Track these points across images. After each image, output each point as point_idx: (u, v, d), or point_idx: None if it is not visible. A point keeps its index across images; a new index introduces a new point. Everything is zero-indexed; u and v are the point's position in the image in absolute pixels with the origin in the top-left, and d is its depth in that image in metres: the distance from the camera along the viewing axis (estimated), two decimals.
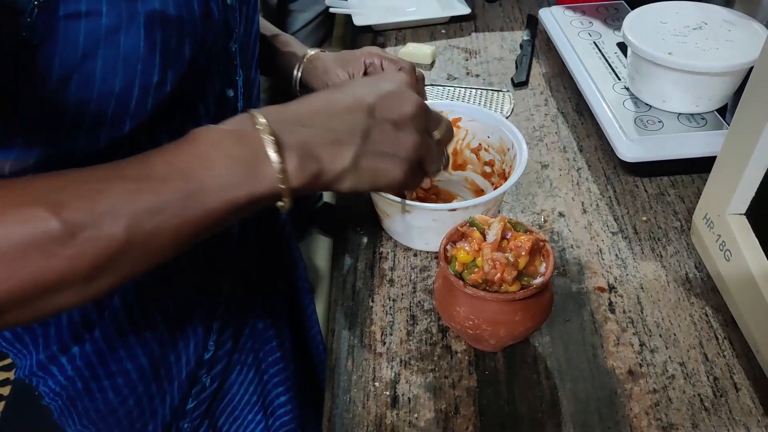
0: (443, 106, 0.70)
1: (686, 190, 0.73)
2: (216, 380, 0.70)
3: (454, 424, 0.53)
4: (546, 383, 0.55)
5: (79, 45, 0.42)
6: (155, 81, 0.47)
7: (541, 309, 0.52)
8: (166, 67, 0.47)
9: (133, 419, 0.66)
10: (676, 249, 0.66)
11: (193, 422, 0.71)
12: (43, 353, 0.61)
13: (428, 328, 0.60)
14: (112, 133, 0.47)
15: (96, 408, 0.65)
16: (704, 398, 0.54)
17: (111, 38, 0.43)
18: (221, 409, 0.75)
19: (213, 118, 0.57)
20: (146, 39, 0.45)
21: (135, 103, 0.47)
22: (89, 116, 0.45)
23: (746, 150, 0.52)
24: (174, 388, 0.67)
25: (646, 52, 0.69)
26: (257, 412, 0.78)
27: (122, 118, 0.47)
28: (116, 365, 0.63)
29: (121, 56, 0.44)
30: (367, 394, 0.55)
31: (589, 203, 0.72)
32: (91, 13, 0.41)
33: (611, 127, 0.72)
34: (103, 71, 0.43)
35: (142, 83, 0.46)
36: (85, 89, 0.44)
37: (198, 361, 0.67)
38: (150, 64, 0.46)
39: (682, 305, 0.61)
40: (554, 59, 0.95)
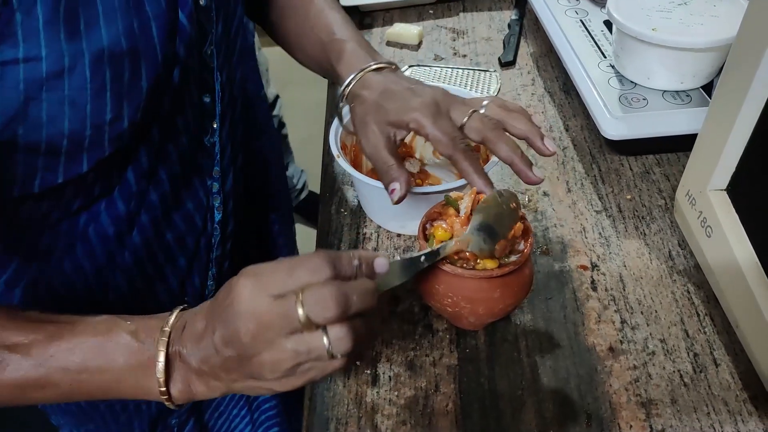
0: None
1: (671, 168, 0.73)
2: None
3: (434, 402, 0.53)
4: (527, 361, 0.56)
5: (20, 91, 0.40)
6: (108, 118, 0.45)
7: (520, 286, 0.52)
8: (119, 103, 0.45)
9: (116, 412, 0.66)
10: (660, 227, 0.66)
11: (180, 417, 0.71)
12: None
13: (410, 308, 0.60)
14: (70, 171, 0.46)
15: (77, 403, 0.64)
16: (684, 374, 0.54)
17: (54, 83, 0.41)
18: (206, 404, 0.74)
19: (191, 130, 0.55)
20: (93, 80, 0.43)
21: (89, 142, 0.45)
22: (42, 157, 0.44)
23: (726, 125, 0.52)
24: None
25: (630, 29, 0.68)
26: (242, 407, 0.78)
27: (78, 156, 0.45)
28: None
29: (67, 99, 0.42)
30: (347, 373, 0.55)
31: (574, 182, 0.72)
32: (29, 59, 0.40)
33: (595, 105, 0.72)
34: (49, 115, 0.42)
35: (94, 122, 0.44)
36: (32, 133, 0.42)
37: None
38: (100, 103, 0.44)
39: (665, 283, 0.61)
40: (542, 39, 0.94)
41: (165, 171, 0.54)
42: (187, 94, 0.53)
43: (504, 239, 0.48)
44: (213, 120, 0.57)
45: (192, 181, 0.58)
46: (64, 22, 0.40)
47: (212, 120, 0.57)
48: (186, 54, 0.50)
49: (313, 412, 0.53)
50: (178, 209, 0.58)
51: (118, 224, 0.54)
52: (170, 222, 0.57)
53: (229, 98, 0.59)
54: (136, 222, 0.55)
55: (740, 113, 0.50)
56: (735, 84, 0.51)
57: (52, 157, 0.44)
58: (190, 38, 0.49)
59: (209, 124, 0.57)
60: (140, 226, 0.55)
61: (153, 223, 0.56)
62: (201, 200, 0.59)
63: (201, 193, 0.59)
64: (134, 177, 0.52)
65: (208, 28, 0.53)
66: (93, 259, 0.54)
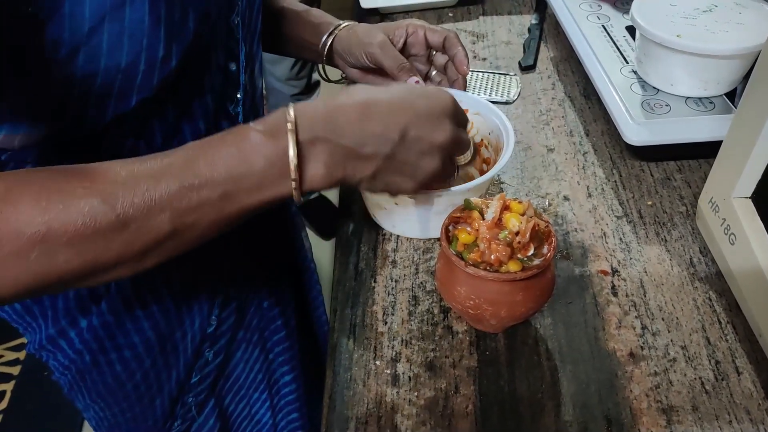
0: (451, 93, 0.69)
1: (693, 175, 0.72)
2: (219, 355, 0.71)
3: (453, 403, 0.53)
4: (546, 364, 0.56)
5: (85, 20, 0.42)
6: (160, 55, 0.47)
7: (542, 290, 0.52)
8: (170, 42, 0.47)
9: (141, 393, 0.67)
10: (681, 234, 0.66)
11: (198, 397, 0.72)
12: (53, 327, 0.62)
13: (430, 309, 0.60)
14: (118, 107, 0.48)
15: (104, 381, 0.66)
16: (705, 381, 0.54)
17: (116, 13, 0.43)
18: (227, 387, 0.75)
19: (217, 93, 0.57)
20: (150, 13, 0.45)
21: (141, 78, 0.47)
22: (96, 90, 0.46)
23: (753, 133, 0.52)
24: (180, 363, 0.68)
25: (654, 35, 0.68)
26: (262, 390, 0.78)
27: (128, 92, 0.47)
28: (123, 338, 0.63)
29: (127, 31, 0.44)
30: (368, 373, 0.56)
31: (594, 187, 0.72)
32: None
33: (618, 111, 0.72)
34: (109, 46, 0.44)
35: (148, 57, 0.46)
36: (91, 64, 0.44)
37: (202, 336, 0.68)
38: (155, 38, 0.46)
39: (686, 289, 0.61)
40: (562, 43, 0.94)
41: (189, 129, 0.56)
42: (214, 56, 0.55)
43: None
44: (237, 90, 0.59)
45: None
46: None
47: (236, 90, 0.59)
48: (216, 15, 0.52)
49: (333, 411, 0.53)
50: None
51: None
52: None
53: (251, 75, 0.61)
54: None
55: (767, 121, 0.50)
56: (763, 91, 0.51)
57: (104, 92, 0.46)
58: (221, 0, 0.52)
59: (233, 92, 0.59)
60: None
61: None
62: None
63: None
64: (160, 131, 0.54)
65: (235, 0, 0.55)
66: None
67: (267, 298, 0.76)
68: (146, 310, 0.63)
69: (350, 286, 0.63)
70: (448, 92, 0.50)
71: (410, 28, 0.71)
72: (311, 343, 0.88)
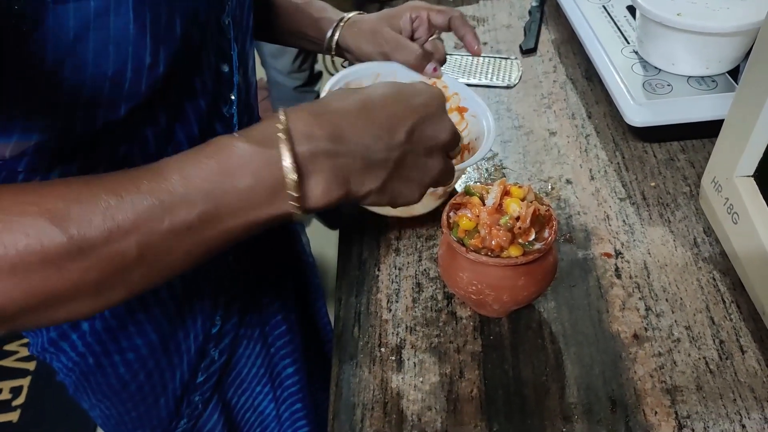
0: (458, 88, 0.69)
1: (696, 155, 0.72)
2: (224, 354, 0.71)
3: (458, 388, 0.53)
4: (551, 347, 0.56)
5: (70, 29, 0.41)
6: (147, 62, 0.46)
7: (544, 274, 0.53)
8: (157, 48, 0.46)
9: (145, 393, 0.68)
10: (685, 214, 0.66)
11: (204, 395, 0.72)
12: (54, 331, 0.62)
13: (433, 295, 0.61)
14: (108, 115, 0.47)
15: (108, 383, 0.66)
16: (709, 361, 0.54)
17: (100, 21, 0.42)
18: (229, 382, 0.76)
19: (210, 95, 0.56)
20: (135, 20, 0.44)
21: (129, 85, 0.46)
22: (84, 99, 0.45)
23: (754, 111, 0.52)
24: (184, 363, 0.68)
25: (654, 14, 0.67)
26: (265, 383, 0.79)
27: (117, 100, 0.46)
28: (126, 341, 0.64)
29: (112, 38, 0.43)
30: (373, 359, 0.56)
31: (597, 170, 0.72)
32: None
33: (619, 92, 0.71)
34: (94, 54, 0.43)
35: (135, 65, 0.45)
36: (78, 73, 0.43)
37: (206, 336, 0.68)
38: (141, 45, 0.45)
39: (690, 270, 0.61)
40: (563, 25, 0.93)
41: (183, 133, 0.55)
42: (205, 58, 0.54)
43: None
44: (231, 91, 0.58)
45: None
46: None
47: (230, 90, 0.58)
48: (205, 16, 0.51)
49: (339, 398, 0.54)
50: None
51: None
52: None
53: (244, 74, 0.60)
54: None
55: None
56: (763, 68, 0.50)
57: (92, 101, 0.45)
58: (210, 0, 0.51)
59: (227, 93, 0.58)
60: None
61: None
62: None
63: None
64: (153, 136, 0.52)
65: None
66: None
67: (267, 294, 0.77)
68: (149, 313, 0.63)
69: (354, 275, 0.64)
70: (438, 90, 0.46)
71: (413, 13, 0.70)
72: (312, 335, 0.88)
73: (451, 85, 0.70)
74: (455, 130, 0.47)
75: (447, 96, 0.70)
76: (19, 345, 1.71)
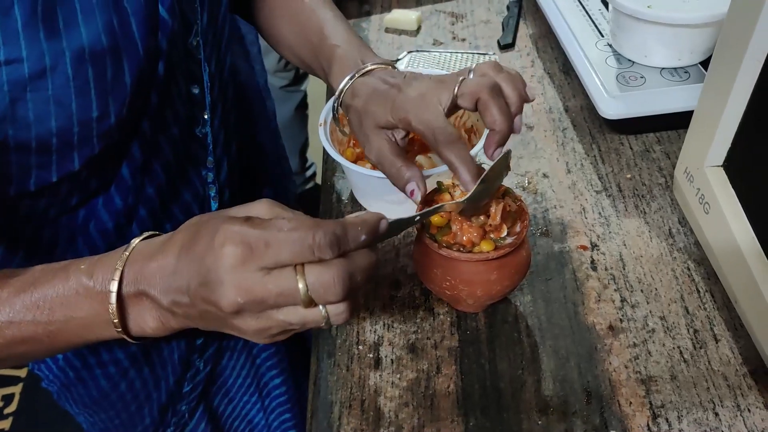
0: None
1: (672, 146, 0.73)
2: (209, 364, 0.71)
3: (435, 383, 0.54)
4: (527, 341, 0.56)
5: (5, 93, 0.41)
6: (95, 116, 0.45)
7: (517, 268, 0.53)
8: (105, 100, 0.45)
9: (127, 402, 0.67)
10: (660, 205, 0.66)
11: (190, 404, 0.72)
12: None
13: (411, 292, 0.61)
14: (63, 169, 0.47)
15: (89, 394, 0.66)
16: (684, 350, 0.54)
17: (37, 83, 0.42)
18: (215, 390, 0.75)
19: (183, 121, 0.55)
20: (75, 78, 0.43)
21: (78, 139, 0.45)
22: (35, 156, 0.45)
23: (720, 101, 0.52)
24: (168, 373, 0.68)
25: (626, 6, 0.67)
26: (252, 393, 0.78)
27: (69, 154, 0.46)
28: (107, 354, 0.63)
29: (52, 98, 0.43)
30: (351, 357, 0.56)
31: (574, 163, 0.72)
32: (10, 61, 0.40)
33: (593, 85, 0.72)
34: (36, 114, 0.42)
35: (81, 119, 0.44)
36: (21, 133, 0.43)
37: (190, 346, 0.68)
38: (85, 100, 0.44)
39: (665, 260, 0.61)
40: (541, 20, 0.94)
41: (159, 164, 0.55)
42: (174, 87, 0.53)
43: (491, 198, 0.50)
44: (203, 111, 0.57)
45: (187, 172, 0.59)
46: (43, 21, 0.41)
47: (203, 111, 0.57)
48: (169, 47, 0.50)
49: (317, 396, 0.54)
50: (175, 200, 0.59)
51: (116, 218, 0.54)
52: (169, 213, 0.58)
53: (219, 88, 0.59)
54: (135, 215, 0.56)
55: (734, 88, 0.50)
56: (728, 59, 0.51)
57: (43, 155, 0.45)
58: (173, 31, 0.49)
59: (200, 114, 0.57)
60: (139, 219, 0.56)
61: (151, 216, 0.57)
62: (197, 191, 0.60)
63: (197, 184, 0.60)
64: (129, 171, 0.53)
65: (192, 19, 0.52)
66: (95, 251, 0.55)
67: None
68: None
69: None
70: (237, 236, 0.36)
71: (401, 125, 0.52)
72: (298, 343, 0.88)
73: None
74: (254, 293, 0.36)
75: None
76: None
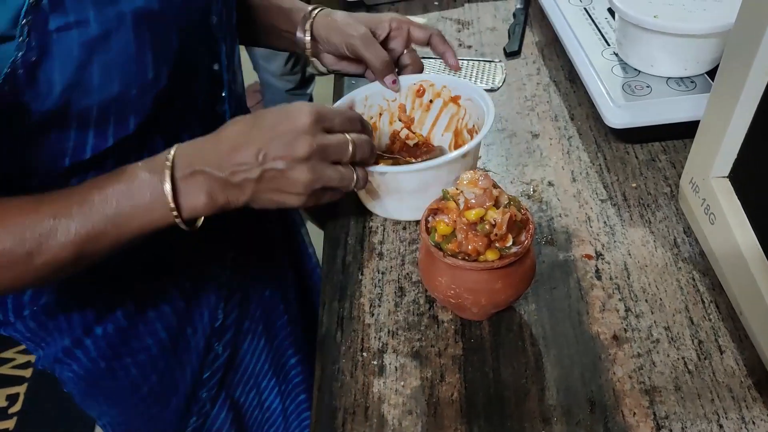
0: (445, 81, 0.70)
1: (677, 155, 0.73)
2: (228, 348, 0.73)
3: (439, 391, 0.54)
4: (531, 350, 0.56)
5: (75, 56, 0.44)
6: (150, 77, 0.49)
7: (521, 277, 0.53)
8: (158, 62, 0.49)
9: (157, 394, 0.70)
10: (665, 215, 0.66)
11: (210, 391, 0.74)
12: (68, 338, 0.64)
13: (416, 299, 0.61)
14: (119, 132, 0.51)
15: (120, 386, 0.68)
16: (688, 361, 0.54)
17: (103, 44, 0.45)
18: (237, 380, 0.77)
19: (205, 95, 0.60)
20: (135, 40, 0.47)
21: (135, 102, 0.49)
22: (94, 121, 0.49)
23: (727, 112, 0.52)
24: (192, 359, 0.71)
25: (632, 16, 0.68)
26: (270, 378, 0.81)
27: (126, 117, 0.50)
28: (137, 342, 0.66)
29: (114, 61, 0.46)
30: (355, 364, 0.56)
31: (579, 171, 0.72)
32: (80, 22, 0.44)
33: (599, 94, 0.72)
34: (100, 77, 0.46)
35: (139, 82, 0.49)
36: (86, 97, 0.47)
37: (211, 330, 0.71)
38: (143, 63, 0.48)
39: (670, 270, 0.61)
40: (547, 27, 0.94)
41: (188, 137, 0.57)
42: (200, 61, 0.57)
43: None
44: (222, 89, 0.61)
45: None
46: None
47: (221, 89, 0.61)
48: (198, 21, 0.55)
49: (321, 403, 0.55)
50: None
51: None
52: None
53: (233, 72, 0.63)
54: None
55: (740, 100, 0.50)
56: (734, 70, 0.51)
57: (102, 121, 0.49)
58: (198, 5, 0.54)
59: (219, 92, 0.61)
60: None
61: None
62: None
63: None
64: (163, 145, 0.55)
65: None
66: None
67: (268, 286, 0.78)
68: (158, 310, 0.66)
69: (338, 279, 0.64)
70: (309, 108, 0.51)
71: (394, 23, 0.70)
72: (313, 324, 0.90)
73: (436, 81, 0.71)
74: (321, 144, 0.50)
75: (437, 91, 0.71)
76: (16, 352, 1.72)
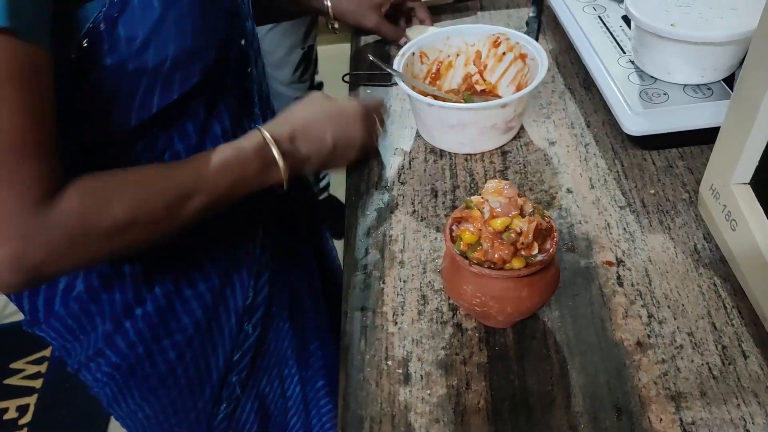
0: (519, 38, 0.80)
1: (695, 161, 0.73)
2: (257, 328, 0.75)
3: (465, 399, 0.54)
4: (555, 357, 0.57)
5: (154, 8, 0.50)
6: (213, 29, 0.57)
7: (547, 285, 0.53)
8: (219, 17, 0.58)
9: (191, 378, 0.72)
10: (685, 221, 0.67)
11: (240, 374, 0.76)
12: (110, 322, 0.66)
13: (438, 307, 0.61)
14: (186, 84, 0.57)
15: (157, 373, 0.70)
16: (712, 367, 0.54)
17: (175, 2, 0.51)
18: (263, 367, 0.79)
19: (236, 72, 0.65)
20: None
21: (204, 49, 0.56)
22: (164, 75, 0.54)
23: (748, 119, 0.52)
24: (225, 340, 0.73)
25: (649, 25, 0.68)
26: (292, 365, 0.83)
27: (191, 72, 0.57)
28: (174, 322, 0.68)
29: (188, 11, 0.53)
30: (380, 373, 0.57)
31: (597, 178, 0.73)
32: None
33: (616, 102, 0.72)
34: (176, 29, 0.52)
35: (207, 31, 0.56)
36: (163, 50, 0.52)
37: (243, 309, 0.73)
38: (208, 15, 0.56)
39: (691, 276, 0.61)
40: (561, 35, 0.94)
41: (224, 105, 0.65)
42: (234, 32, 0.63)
43: None
44: (248, 65, 0.67)
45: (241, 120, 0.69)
46: None
47: (248, 65, 0.67)
48: None
49: (347, 411, 0.55)
50: None
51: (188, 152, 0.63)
52: None
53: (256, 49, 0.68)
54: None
55: (762, 106, 0.51)
56: (756, 77, 0.51)
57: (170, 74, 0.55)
58: None
59: (245, 68, 0.67)
60: None
61: None
62: None
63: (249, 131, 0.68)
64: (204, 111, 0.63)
65: None
66: None
67: (294, 273, 0.81)
68: (194, 289, 0.68)
69: (360, 288, 0.65)
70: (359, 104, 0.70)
71: None
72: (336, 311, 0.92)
73: (512, 36, 0.80)
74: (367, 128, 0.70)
75: (510, 45, 0.81)
76: (26, 363, 1.72)
